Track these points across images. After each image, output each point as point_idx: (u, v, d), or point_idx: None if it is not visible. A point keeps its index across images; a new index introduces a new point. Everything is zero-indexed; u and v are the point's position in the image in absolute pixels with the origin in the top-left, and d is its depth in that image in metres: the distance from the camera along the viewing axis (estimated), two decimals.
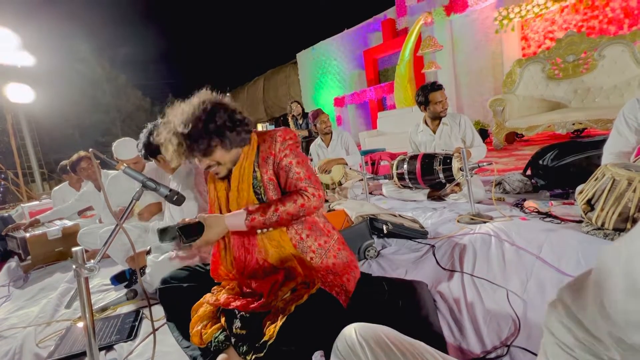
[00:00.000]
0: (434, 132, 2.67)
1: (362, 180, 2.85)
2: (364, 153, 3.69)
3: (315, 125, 3.28)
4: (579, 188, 1.58)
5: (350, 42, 9.79)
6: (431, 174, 2.39)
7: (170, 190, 1.09)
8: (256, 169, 1.09)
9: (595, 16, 5.23)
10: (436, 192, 2.55)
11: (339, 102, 9.80)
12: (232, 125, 1.04)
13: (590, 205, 1.43)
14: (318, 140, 3.42)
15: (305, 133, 4.87)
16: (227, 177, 1.12)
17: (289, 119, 5.27)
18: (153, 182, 1.06)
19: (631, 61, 4.01)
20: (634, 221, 1.28)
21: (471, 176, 1.95)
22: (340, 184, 3.24)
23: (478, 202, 2.17)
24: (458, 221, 1.88)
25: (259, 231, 1.07)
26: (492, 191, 2.15)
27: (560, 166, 2.18)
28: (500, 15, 5.84)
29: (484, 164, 2.01)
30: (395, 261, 1.61)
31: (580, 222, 1.56)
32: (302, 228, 1.10)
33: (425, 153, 2.50)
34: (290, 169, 1.07)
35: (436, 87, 2.57)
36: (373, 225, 1.78)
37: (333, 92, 10.53)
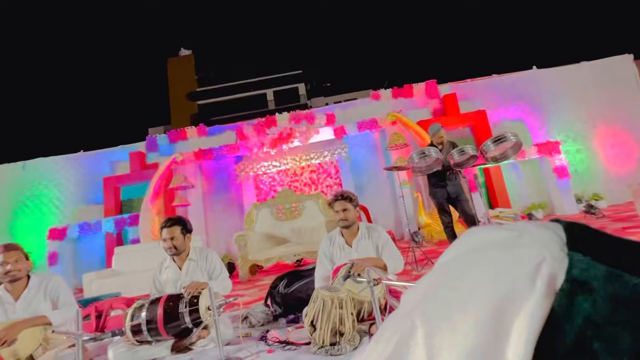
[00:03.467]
0: (180, 269, 2.47)
1: (73, 345, 2.00)
2: (86, 302, 2.76)
3: None
4: (304, 311, 1.86)
5: (87, 166, 8.51)
6: (176, 319, 2.07)
7: None
8: None
9: (297, 180, 7.70)
10: (182, 342, 2.18)
11: (56, 234, 7.47)
12: None
13: (313, 325, 1.69)
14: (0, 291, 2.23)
15: None
16: None
17: None
18: None
19: (319, 211, 5.95)
20: (341, 334, 1.60)
21: (219, 315, 1.86)
22: (32, 358, 2.10)
23: (227, 344, 2.04)
24: None
25: None
26: (239, 328, 2.11)
27: (290, 293, 2.56)
28: (239, 168, 7.26)
29: (231, 299, 2.01)
30: None
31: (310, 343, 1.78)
32: None
33: (170, 294, 2.20)
34: None
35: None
36: None
37: (48, 221, 8.08)
